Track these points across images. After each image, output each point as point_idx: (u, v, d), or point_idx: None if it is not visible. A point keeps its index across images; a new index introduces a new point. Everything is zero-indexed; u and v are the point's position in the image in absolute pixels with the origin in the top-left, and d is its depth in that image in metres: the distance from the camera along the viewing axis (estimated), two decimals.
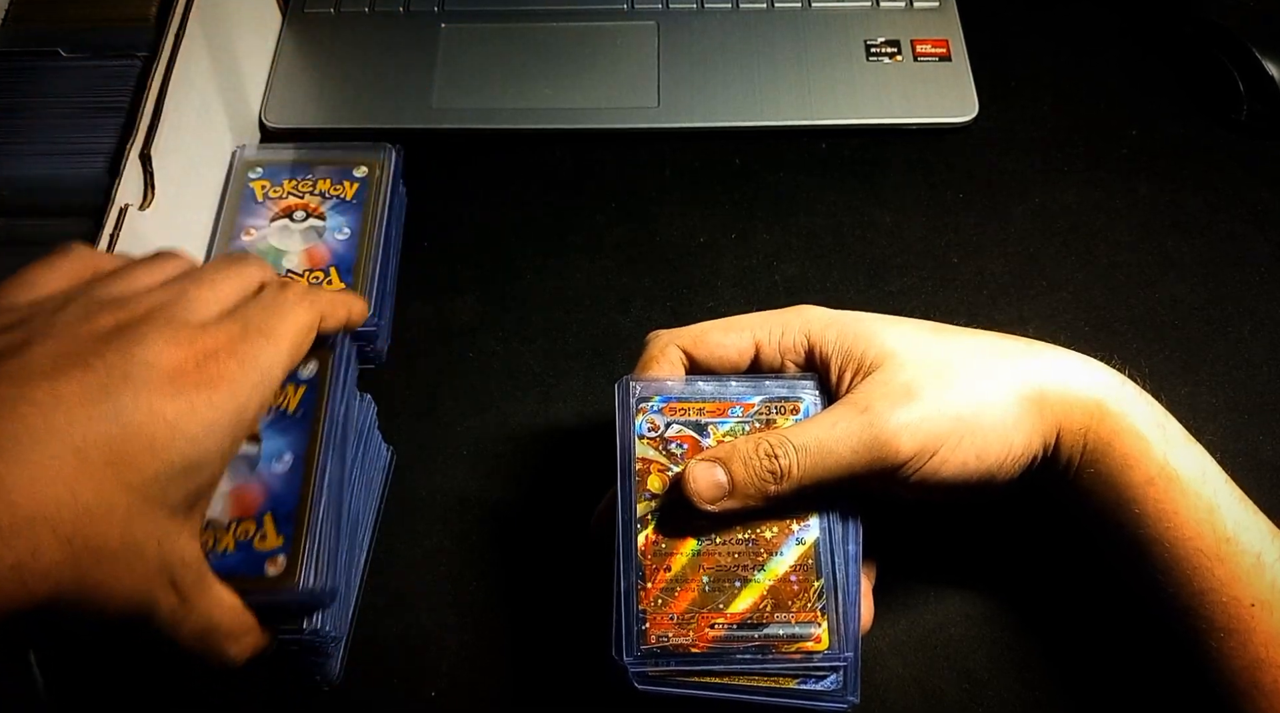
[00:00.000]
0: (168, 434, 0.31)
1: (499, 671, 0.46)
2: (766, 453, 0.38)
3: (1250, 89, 0.61)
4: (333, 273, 0.52)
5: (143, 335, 0.33)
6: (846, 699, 0.38)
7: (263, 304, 0.37)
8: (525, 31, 0.66)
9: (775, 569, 0.39)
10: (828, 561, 0.39)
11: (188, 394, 0.32)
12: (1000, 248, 0.58)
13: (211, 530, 0.38)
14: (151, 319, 0.33)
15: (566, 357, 0.55)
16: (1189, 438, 0.40)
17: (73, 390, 0.30)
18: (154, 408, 0.31)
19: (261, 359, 0.35)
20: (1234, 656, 0.37)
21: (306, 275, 0.52)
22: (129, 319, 0.33)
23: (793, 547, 0.39)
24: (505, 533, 0.49)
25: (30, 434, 0.29)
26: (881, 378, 0.40)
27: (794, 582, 0.39)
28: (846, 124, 0.62)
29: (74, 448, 0.29)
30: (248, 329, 0.35)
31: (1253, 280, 0.57)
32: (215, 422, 0.33)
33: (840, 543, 0.40)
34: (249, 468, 0.39)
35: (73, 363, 0.31)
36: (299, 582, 0.37)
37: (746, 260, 0.58)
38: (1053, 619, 0.46)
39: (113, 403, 0.31)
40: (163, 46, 0.51)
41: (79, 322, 0.33)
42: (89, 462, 0.30)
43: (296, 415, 0.41)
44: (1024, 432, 0.39)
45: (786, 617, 0.38)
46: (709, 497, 0.39)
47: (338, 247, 0.53)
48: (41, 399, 0.30)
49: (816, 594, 0.39)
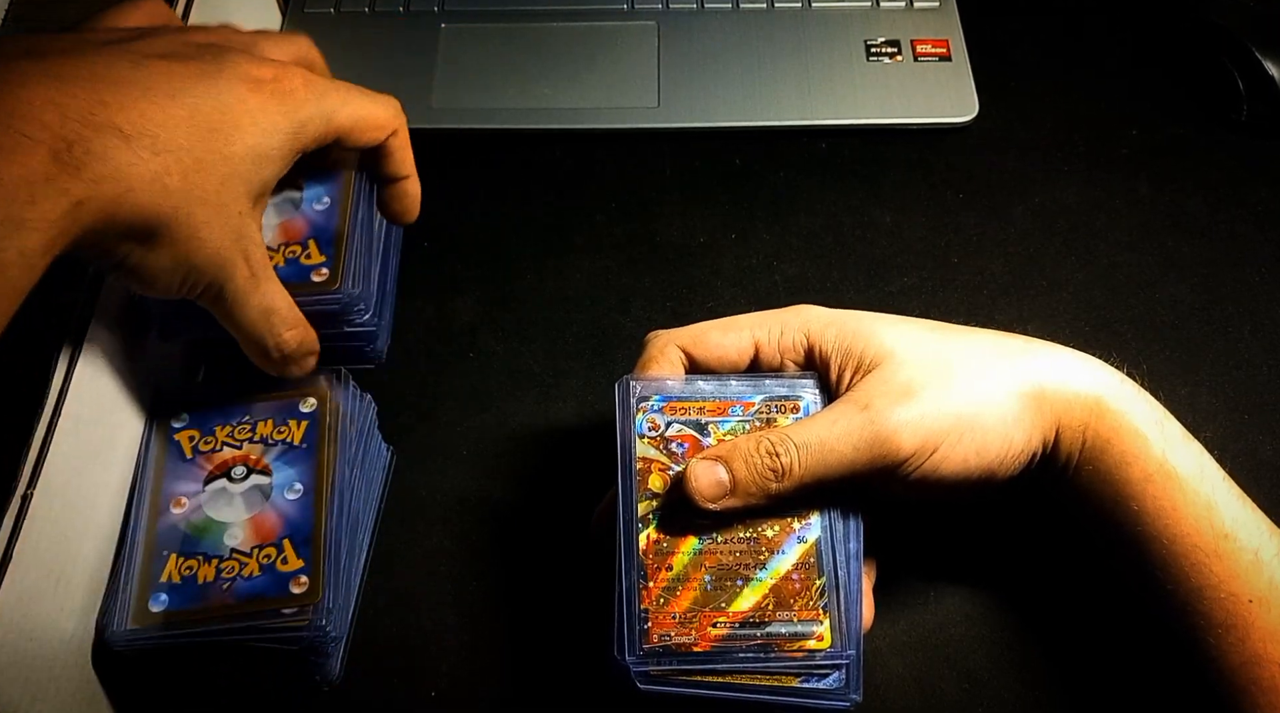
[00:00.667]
0: (249, 120, 0.38)
1: (499, 671, 0.46)
2: (768, 451, 0.38)
3: (1250, 89, 0.61)
4: (311, 246, 0.46)
5: (231, 52, 0.39)
6: (849, 698, 0.38)
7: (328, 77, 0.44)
8: (525, 31, 0.66)
9: (777, 568, 0.39)
10: (829, 559, 0.39)
11: (263, 94, 0.38)
12: (1000, 248, 0.58)
13: (235, 559, 0.42)
14: (234, 47, 0.40)
15: (566, 357, 0.55)
16: (1187, 436, 0.40)
17: (182, 70, 0.37)
18: (242, 96, 0.38)
19: (326, 98, 0.41)
20: (1232, 652, 0.37)
21: (282, 250, 0.46)
22: (219, 42, 0.40)
23: (794, 545, 0.40)
24: (505, 533, 0.49)
25: (152, 93, 0.35)
26: (881, 376, 0.40)
27: (796, 580, 0.39)
28: (846, 124, 0.62)
29: (188, 110, 0.36)
30: (313, 74, 0.41)
31: (1253, 280, 0.57)
32: (281, 125, 0.39)
33: (842, 541, 0.40)
34: (264, 497, 0.44)
35: (178, 55, 0.38)
36: (323, 600, 0.41)
37: (746, 260, 0.58)
38: (1053, 619, 0.46)
39: (212, 84, 0.37)
40: None
41: (177, 36, 0.40)
42: (197, 125, 0.36)
43: (302, 447, 0.45)
44: (1024, 429, 0.39)
45: (789, 615, 0.38)
46: (710, 495, 0.39)
47: (316, 218, 0.48)
48: (158, 71, 0.36)
49: (819, 593, 0.39)
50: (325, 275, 0.45)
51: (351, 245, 0.46)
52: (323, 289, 0.45)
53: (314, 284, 0.45)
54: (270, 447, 0.45)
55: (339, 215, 0.47)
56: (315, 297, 0.45)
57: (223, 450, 0.45)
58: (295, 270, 0.45)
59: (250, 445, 0.45)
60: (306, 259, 0.46)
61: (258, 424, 0.46)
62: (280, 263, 0.45)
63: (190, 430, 0.46)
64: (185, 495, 0.44)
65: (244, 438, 0.45)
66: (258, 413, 0.46)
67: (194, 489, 0.44)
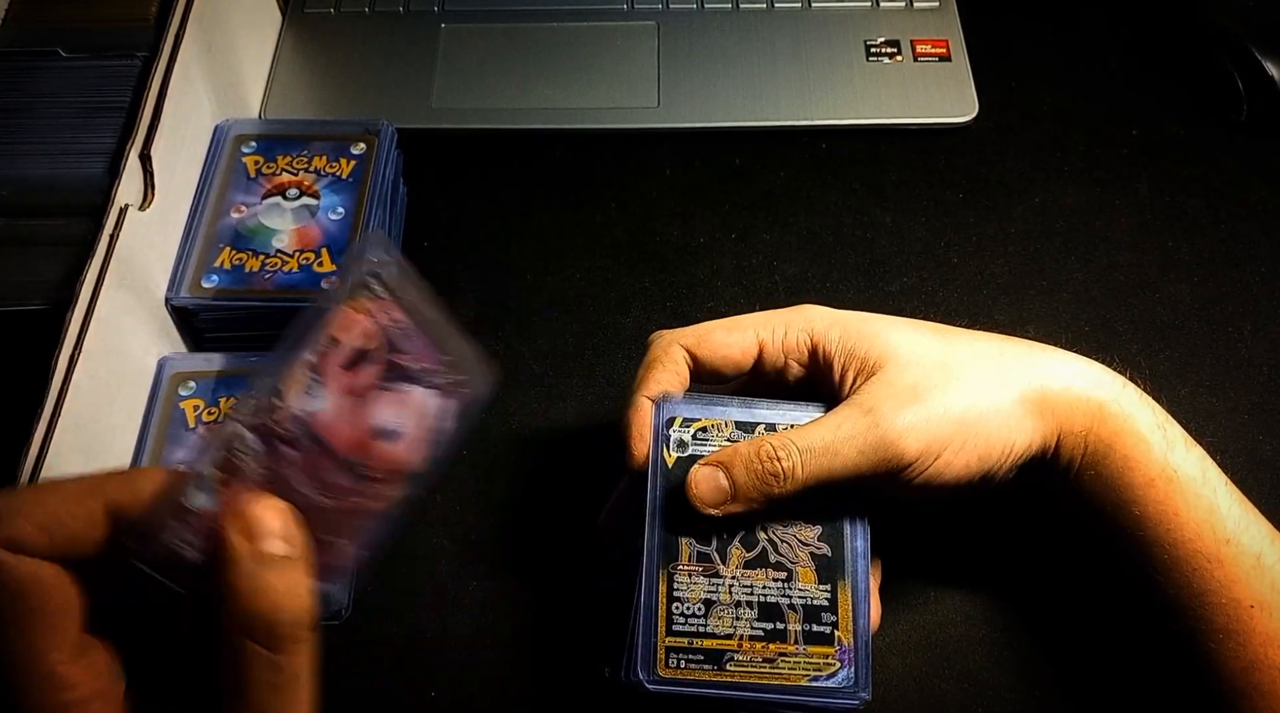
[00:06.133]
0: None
1: (499, 671, 0.46)
2: (768, 455, 0.39)
3: (1250, 89, 0.61)
4: (324, 254, 0.52)
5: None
6: (858, 696, 0.38)
7: None
8: (525, 31, 0.66)
9: None
10: (837, 558, 0.40)
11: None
12: (1000, 248, 0.58)
13: (279, 257, 0.51)
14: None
15: (566, 357, 0.55)
16: (1189, 441, 0.40)
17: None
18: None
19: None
20: (1233, 657, 0.37)
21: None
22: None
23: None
24: (505, 533, 0.49)
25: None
26: (886, 379, 0.40)
27: None
28: (846, 124, 0.62)
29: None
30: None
31: (1253, 280, 0.57)
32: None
33: (849, 540, 0.40)
34: (310, 214, 0.52)
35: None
36: None
37: (746, 260, 0.58)
38: (1053, 619, 0.46)
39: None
40: (162, 46, 0.51)
41: None
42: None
43: (349, 180, 0.54)
44: (1025, 433, 0.39)
45: None
46: (711, 501, 0.39)
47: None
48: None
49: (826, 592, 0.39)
50: (335, 284, 0.46)
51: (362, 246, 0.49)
52: None
53: (323, 292, 0.49)
54: (321, 177, 0.54)
55: (352, 228, 0.52)
56: None
57: (281, 175, 0.54)
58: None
59: (305, 173, 0.54)
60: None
61: (313, 158, 0.55)
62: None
63: (255, 156, 0.55)
64: (244, 205, 0.53)
65: (300, 167, 0.54)
66: (315, 149, 0.55)
67: (253, 202, 0.53)
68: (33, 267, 0.44)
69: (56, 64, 0.51)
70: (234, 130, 0.55)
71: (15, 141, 0.48)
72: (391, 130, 0.56)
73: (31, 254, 0.45)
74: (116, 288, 0.44)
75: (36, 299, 0.43)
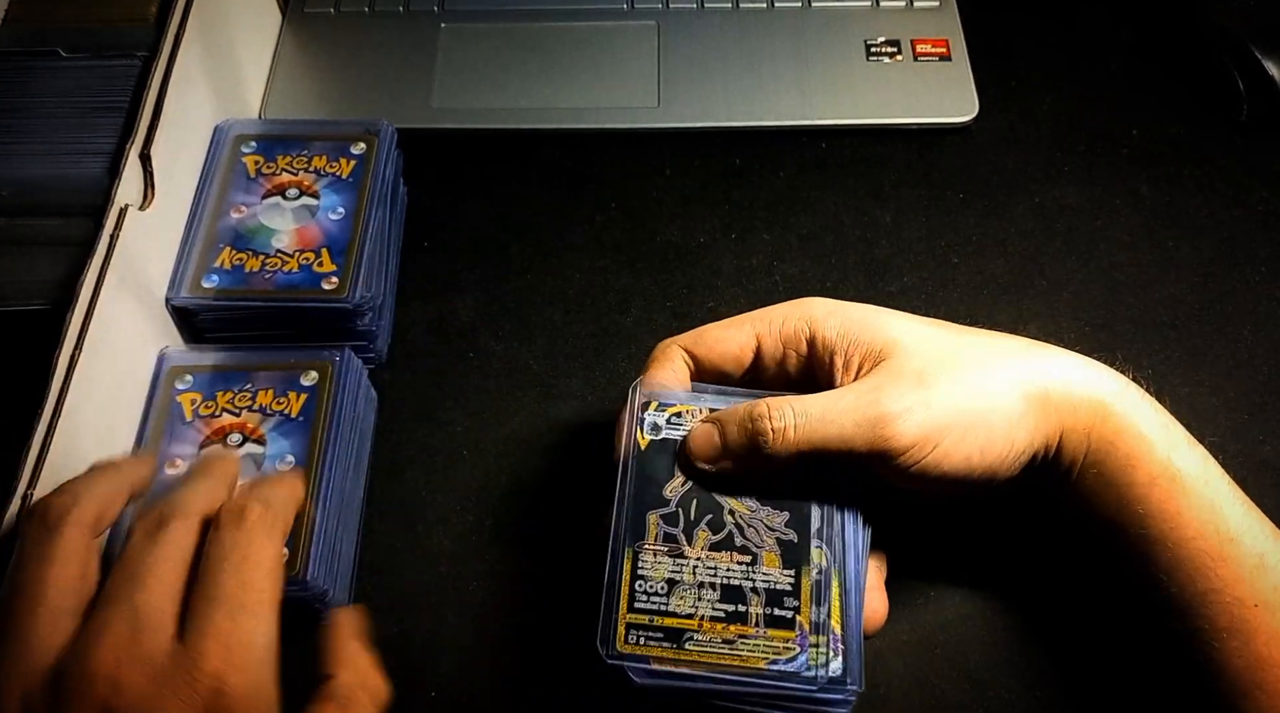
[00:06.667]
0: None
1: (499, 671, 0.46)
2: (760, 414, 0.39)
3: (1250, 89, 0.61)
4: (324, 254, 0.51)
5: None
6: (848, 688, 0.38)
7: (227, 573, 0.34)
8: (525, 31, 0.66)
9: None
10: (825, 548, 0.40)
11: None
12: (1000, 248, 0.58)
13: (279, 257, 0.50)
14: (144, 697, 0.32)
15: (566, 357, 0.55)
16: (1192, 440, 0.40)
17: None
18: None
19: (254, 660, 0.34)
20: (1236, 656, 0.37)
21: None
22: None
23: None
24: (505, 533, 0.49)
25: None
26: (895, 364, 0.40)
27: None
28: (846, 124, 0.62)
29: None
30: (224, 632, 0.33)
31: (1253, 280, 0.57)
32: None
33: (840, 530, 0.40)
34: (310, 214, 0.52)
35: None
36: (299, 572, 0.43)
37: (746, 260, 0.58)
38: (1053, 619, 0.46)
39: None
40: (162, 46, 0.51)
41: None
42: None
43: (349, 180, 0.53)
44: (1026, 430, 0.39)
45: None
46: (703, 455, 0.41)
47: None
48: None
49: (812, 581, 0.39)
50: (335, 284, 0.50)
51: (362, 258, 0.50)
52: (331, 297, 0.49)
53: (323, 292, 0.50)
54: (321, 177, 0.54)
55: (352, 228, 0.52)
56: (322, 302, 0.49)
57: (281, 175, 0.54)
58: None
59: (305, 173, 0.54)
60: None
61: (313, 158, 0.54)
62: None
63: (256, 156, 0.54)
64: (244, 205, 0.53)
65: (300, 167, 0.54)
66: (315, 149, 0.55)
67: (253, 202, 0.53)
68: (33, 267, 0.44)
69: (56, 64, 0.51)
70: (234, 130, 0.55)
71: (15, 141, 0.48)
72: (391, 130, 0.56)
73: (32, 254, 0.45)
74: (117, 288, 0.44)
75: (37, 299, 0.43)
